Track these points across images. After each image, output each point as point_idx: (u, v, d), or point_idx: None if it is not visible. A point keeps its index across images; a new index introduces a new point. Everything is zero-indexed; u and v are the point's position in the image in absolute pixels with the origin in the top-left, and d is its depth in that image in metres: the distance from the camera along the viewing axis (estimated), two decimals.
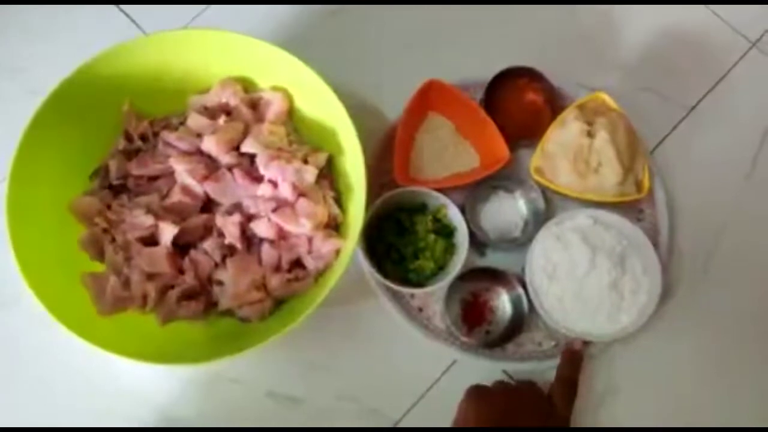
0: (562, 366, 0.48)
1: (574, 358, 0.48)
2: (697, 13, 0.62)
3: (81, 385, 0.50)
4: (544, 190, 0.53)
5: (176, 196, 0.47)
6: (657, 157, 0.57)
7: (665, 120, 0.59)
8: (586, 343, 0.50)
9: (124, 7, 0.62)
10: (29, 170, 0.46)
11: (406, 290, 0.50)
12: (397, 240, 0.50)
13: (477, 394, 0.45)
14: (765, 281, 0.54)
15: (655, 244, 0.52)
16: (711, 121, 0.59)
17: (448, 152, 0.55)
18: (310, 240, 0.46)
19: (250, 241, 0.47)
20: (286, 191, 0.46)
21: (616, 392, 0.51)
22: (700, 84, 0.60)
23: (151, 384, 0.51)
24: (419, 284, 0.50)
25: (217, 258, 0.46)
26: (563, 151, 0.52)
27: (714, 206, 0.56)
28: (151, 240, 0.46)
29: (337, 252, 0.46)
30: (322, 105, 0.48)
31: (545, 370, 0.51)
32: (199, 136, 0.49)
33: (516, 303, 0.51)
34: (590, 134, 0.52)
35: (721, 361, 0.52)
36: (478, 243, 0.52)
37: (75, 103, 0.48)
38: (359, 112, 0.55)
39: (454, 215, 0.50)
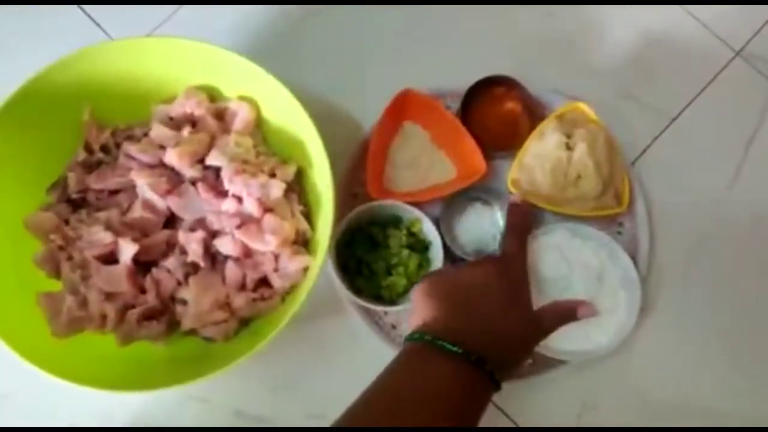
0: (510, 217, 0.45)
1: (520, 208, 0.46)
2: (681, 20, 0.61)
3: (39, 403, 0.48)
4: None
5: (137, 212, 0.45)
6: (638, 167, 0.56)
7: (647, 130, 0.57)
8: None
9: (89, 9, 0.59)
10: None
11: (378, 308, 0.48)
12: (368, 255, 0.49)
13: (423, 281, 0.41)
14: (746, 293, 0.53)
15: (635, 258, 0.51)
16: (693, 132, 0.57)
17: (423, 163, 0.53)
18: (276, 257, 0.45)
19: (214, 258, 0.45)
20: (251, 207, 0.44)
21: (594, 408, 0.50)
22: (682, 93, 0.59)
23: (115, 403, 0.49)
24: (392, 301, 0.48)
25: (180, 276, 0.44)
26: (541, 164, 0.50)
27: (695, 218, 0.55)
28: (110, 258, 0.44)
29: (305, 270, 0.44)
30: (290, 116, 0.46)
31: (521, 389, 0.49)
32: (163, 147, 0.47)
33: None
34: (569, 146, 0.50)
35: (702, 376, 0.51)
36: (453, 258, 0.51)
37: (32, 111, 0.46)
38: (333, 120, 0.53)
39: (428, 229, 0.49)
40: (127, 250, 0.43)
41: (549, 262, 0.48)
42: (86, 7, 0.59)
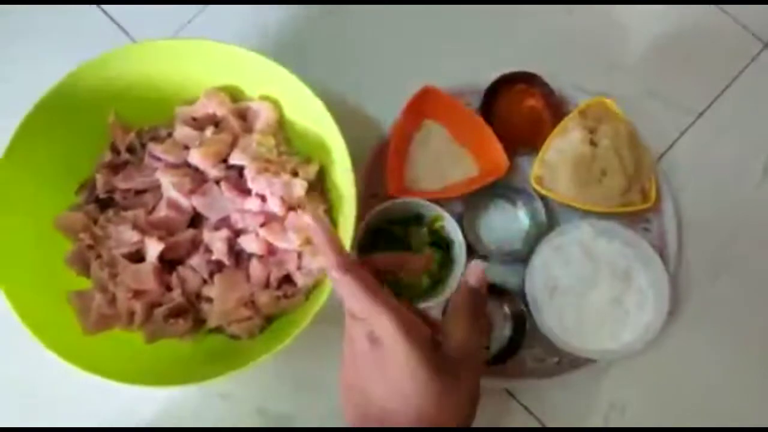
0: (458, 296, 0.31)
1: (477, 269, 0.32)
2: (706, 12, 0.59)
3: (62, 400, 0.49)
4: (546, 200, 0.51)
5: (163, 211, 0.45)
6: (664, 165, 0.55)
7: (672, 126, 0.56)
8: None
9: (109, 10, 0.60)
10: (13, 184, 0.45)
11: None
12: None
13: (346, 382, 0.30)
14: None
15: (663, 257, 0.50)
16: (720, 128, 0.56)
17: (444, 161, 0.53)
18: (299, 255, 0.45)
19: (238, 256, 0.46)
20: (274, 205, 0.44)
21: (622, 410, 0.49)
22: (708, 88, 0.57)
23: (138, 398, 0.49)
24: (414, 300, 0.48)
25: (205, 274, 0.45)
26: (565, 160, 0.50)
27: (724, 216, 0.54)
28: (137, 256, 0.45)
29: None
30: (311, 115, 0.46)
31: (547, 388, 0.49)
32: (186, 148, 0.47)
33: (516, 318, 0.49)
34: (593, 142, 0.50)
35: (731, 377, 0.50)
36: (476, 256, 0.50)
37: (60, 114, 0.47)
38: (351, 119, 0.53)
39: (451, 227, 0.48)
40: (153, 248, 0.44)
41: (575, 259, 0.48)
42: (108, 9, 0.60)
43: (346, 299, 0.28)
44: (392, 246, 0.49)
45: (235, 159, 0.46)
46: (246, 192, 0.46)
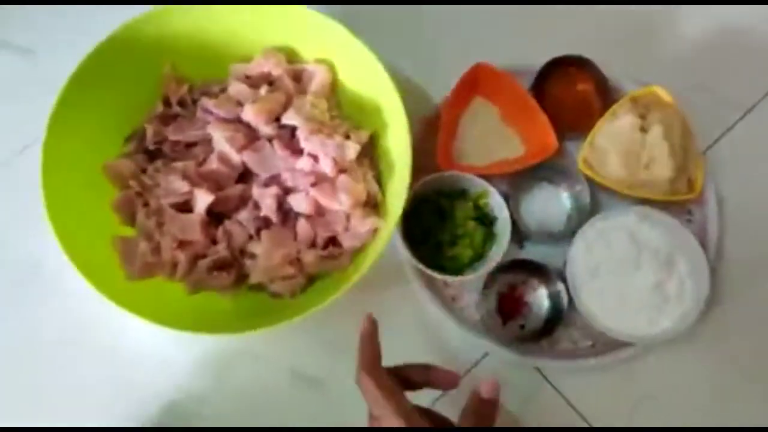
0: (479, 388, 0.35)
1: (490, 384, 0.35)
2: (758, 10, 0.59)
3: (101, 349, 0.50)
4: (591, 184, 0.51)
5: (213, 164, 0.46)
6: (709, 158, 0.55)
7: (719, 121, 0.56)
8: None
9: None
10: (66, 131, 0.45)
11: (441, 277, 0.48)
12: (435, 225, 0.48)
13: None
14: None
15: (704, 248, 0.50)
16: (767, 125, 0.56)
17: (492, 139, 0.53)
18: (347, 217, 0.45)
19: (286, 215, 0.46)
20: (326, 166, 0.44)
21: (653, 397, 0.49)
22: (757, 85, 0.57)
23: (171, 353, 0.50)
24: (456, 272, 0.48)
25: (252, 230, 0.45)
26: (614, 145, 0.50)
27: (766, 215, 0.53)
28: (185, 207, 0.45)
29: (375, 232, 0.45)
30: (368, 79, 0.46)
31: (577, 370, 0.49)
32: (240, 104, 0.47)
33: (554, 298, 0.49)
34: (643, 128, 0.49)
35: (764, 372, 0.50)
36: (518, 234, 0.50)
37: (114, 63, 0.47)
38: (402, 91, 0.53)
39: (496, 203, 0.49)
40: (202, 199, 0.44)
41: (618, 243, 0.48)
42: None
43: (367, 400, 0.33)
44: (437, 217, 0.49)
45: (289, 119, 0.46)
46: (298, 152, 0.46)
